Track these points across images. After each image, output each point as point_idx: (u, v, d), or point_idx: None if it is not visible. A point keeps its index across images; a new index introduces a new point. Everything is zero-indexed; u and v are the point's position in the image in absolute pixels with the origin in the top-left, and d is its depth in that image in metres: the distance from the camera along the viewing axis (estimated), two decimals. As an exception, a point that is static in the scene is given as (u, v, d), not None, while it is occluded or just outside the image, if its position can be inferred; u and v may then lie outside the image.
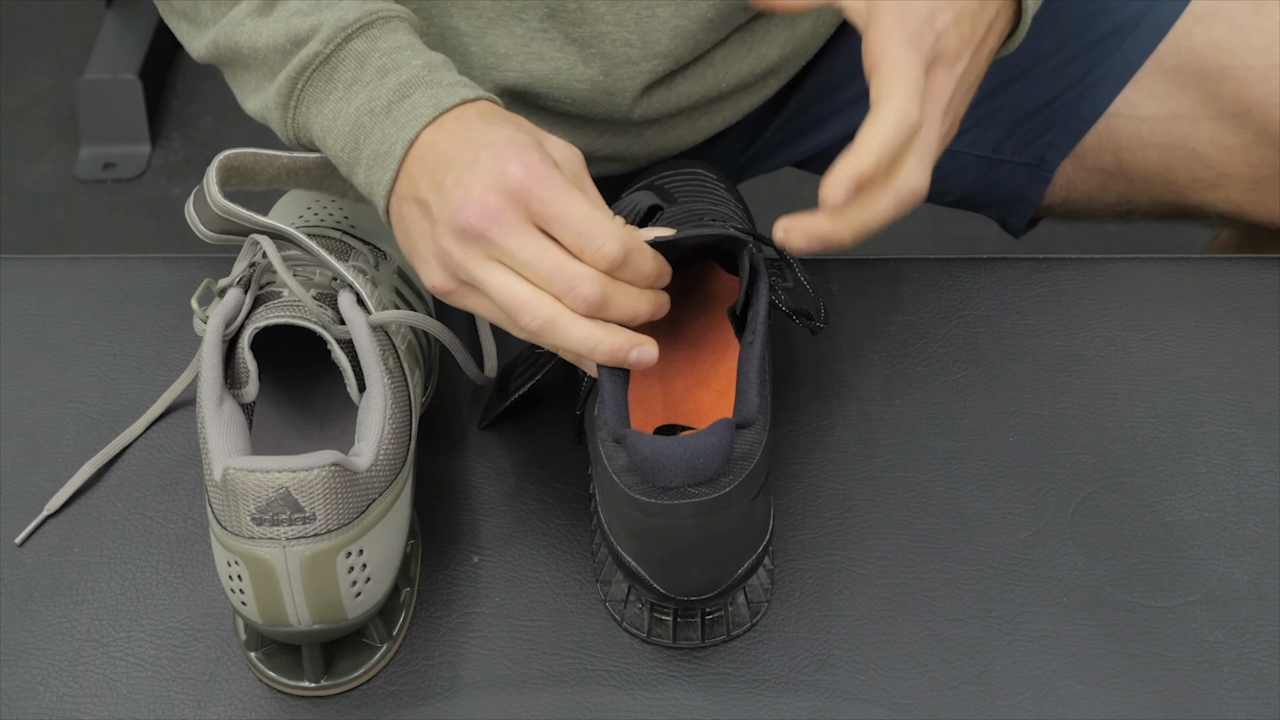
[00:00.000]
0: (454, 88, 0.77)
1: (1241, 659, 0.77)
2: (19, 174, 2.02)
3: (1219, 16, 0.98)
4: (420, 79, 0.77)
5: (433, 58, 0.79)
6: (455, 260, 0.73)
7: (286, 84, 0.80)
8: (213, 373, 0.75)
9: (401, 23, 0.81)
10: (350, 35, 0.79)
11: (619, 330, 0.73)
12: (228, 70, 0.85)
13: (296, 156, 0.83)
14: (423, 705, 0.76)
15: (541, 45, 0.91)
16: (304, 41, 0.79)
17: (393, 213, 0.77)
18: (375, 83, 0.78)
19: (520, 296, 0.72)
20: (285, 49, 0.80)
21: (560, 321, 0.72)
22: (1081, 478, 0.84)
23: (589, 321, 0.72)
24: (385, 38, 0.79)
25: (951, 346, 0.90)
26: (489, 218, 0.72)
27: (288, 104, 0.80)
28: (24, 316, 0.94)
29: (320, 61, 0.79)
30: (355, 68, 0.79)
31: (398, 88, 0.77)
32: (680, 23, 0.91)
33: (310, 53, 0.79)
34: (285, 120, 0.81)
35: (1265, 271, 0.94)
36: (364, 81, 0.78)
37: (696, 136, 0.99)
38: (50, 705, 0.77)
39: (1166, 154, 1.00)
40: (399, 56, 0.79)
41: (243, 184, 0.83)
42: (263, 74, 0.82)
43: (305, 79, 0.79)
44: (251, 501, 0.69)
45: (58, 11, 2.25)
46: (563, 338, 0.72)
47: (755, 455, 0.72)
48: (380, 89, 0.77)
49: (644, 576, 0.73)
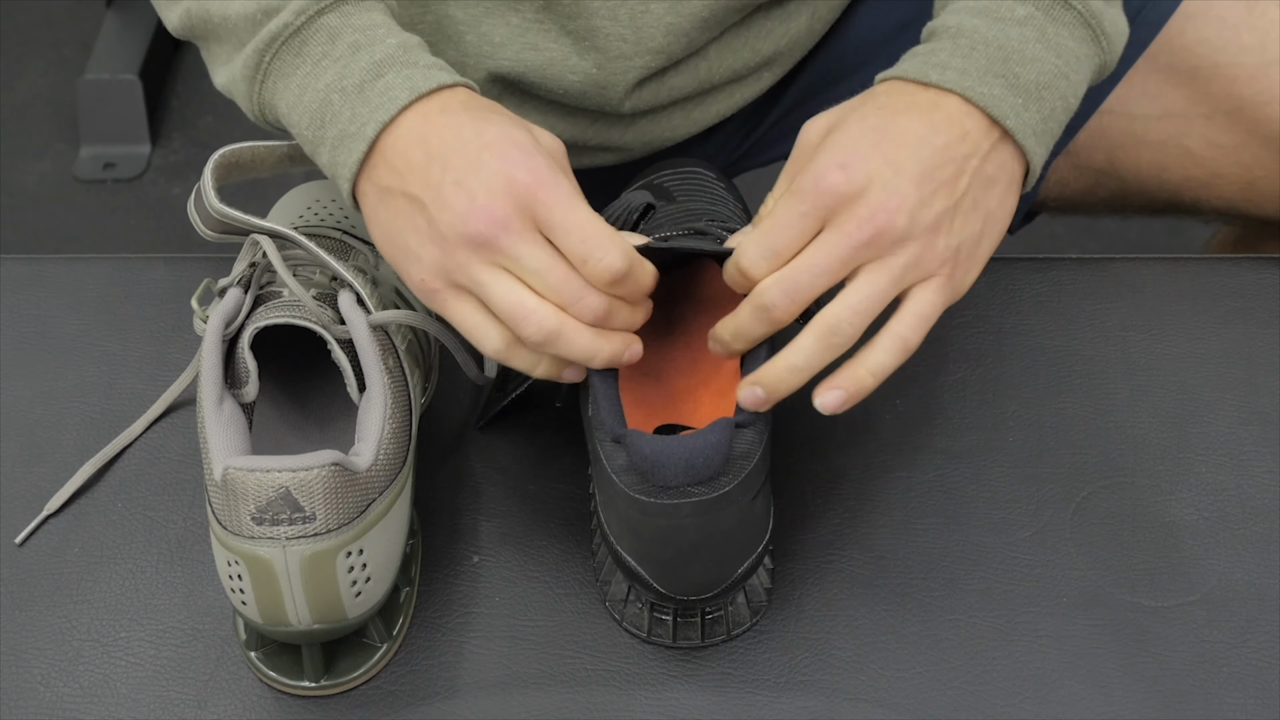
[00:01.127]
0: (430, 70, 0.75)
1: (1241, 659, 0.77)
2: (19, 174, 2.02)
3: (1211, 14, 0.98)
4: (395, 58, 0.75)
5: (407, 38, 0.77)
6: (456, 263, 0.72)
7: (254, 55, 0.78)
8: (213, 372, 0.75)
9: (378, 2, 0.79)
10: (323, 9, 0.77)
11: (615, 336, 0.73)
12: (200, 43, 0.84)
13: (294, 143, 0.82)
14: (422, 705, 0.76)
15: (536, 36, 0.91)
16: (274, 12, 0.77)
17: (364, 199, 0.76)
18: (347, 59, 0.76)
19: (526, 305, 0.71)
20: (255, 19, 0.78)
21: (565, 331, 0.71)
22: (1081, 478, 0.84)
23: (591, 330, 0.72)
24: (359, 15, 0.77)
25: (951, 346, 0.90)
26: (497, 225, 0.70)
27: (254, 77, 0.78)
28: (24, 316, 0.94)
29: (290, 34, 0.77)
30: (326, 42, 0.76)
31: (371, 66, 0.75)
32: (674, 20, 0.91)
33: (280, 24, 0.77)
34: (251, 94, 0.79)
35: (1265, 271, 0.94)
36: (334, 57, 0.76)
37: (691, 128, 0.99)
38: (50, 705, 0.77)
39: (1159, 152, 1.00)
40: (373, 34, 0.76)
41: (246, 176, 0.83)
42: (232, 45, 0.80)
43: (273, 51, 0.77)
44: (252, 501, 0.69)
45: (58, 11, 2.25)
46: (565, 347, 0.72)
47: (755, 455, 0.72)
48: (352, 66, 0.75)
49: (644, 576, 0.73)
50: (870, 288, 0.71)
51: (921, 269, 0.72)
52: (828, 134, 0.73)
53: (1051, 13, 0.76)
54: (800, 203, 0.71)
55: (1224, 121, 0.98)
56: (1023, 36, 0.75)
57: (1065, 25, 0.76)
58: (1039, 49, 0.75)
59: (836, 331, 0.71)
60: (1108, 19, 0.78)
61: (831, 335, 0.71)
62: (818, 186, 0.70)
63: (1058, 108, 0.75)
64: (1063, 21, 0.76)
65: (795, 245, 0.71)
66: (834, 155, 0.71)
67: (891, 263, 0.71)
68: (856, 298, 0.71)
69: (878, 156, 0.71)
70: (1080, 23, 0.76)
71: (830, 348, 0.71)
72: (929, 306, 0.72)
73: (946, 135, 0.72)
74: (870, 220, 0.70)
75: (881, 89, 0.75)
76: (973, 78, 0.73)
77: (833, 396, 0.73)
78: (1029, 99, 0.74)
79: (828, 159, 0.71)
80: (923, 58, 0.75)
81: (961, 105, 0.73)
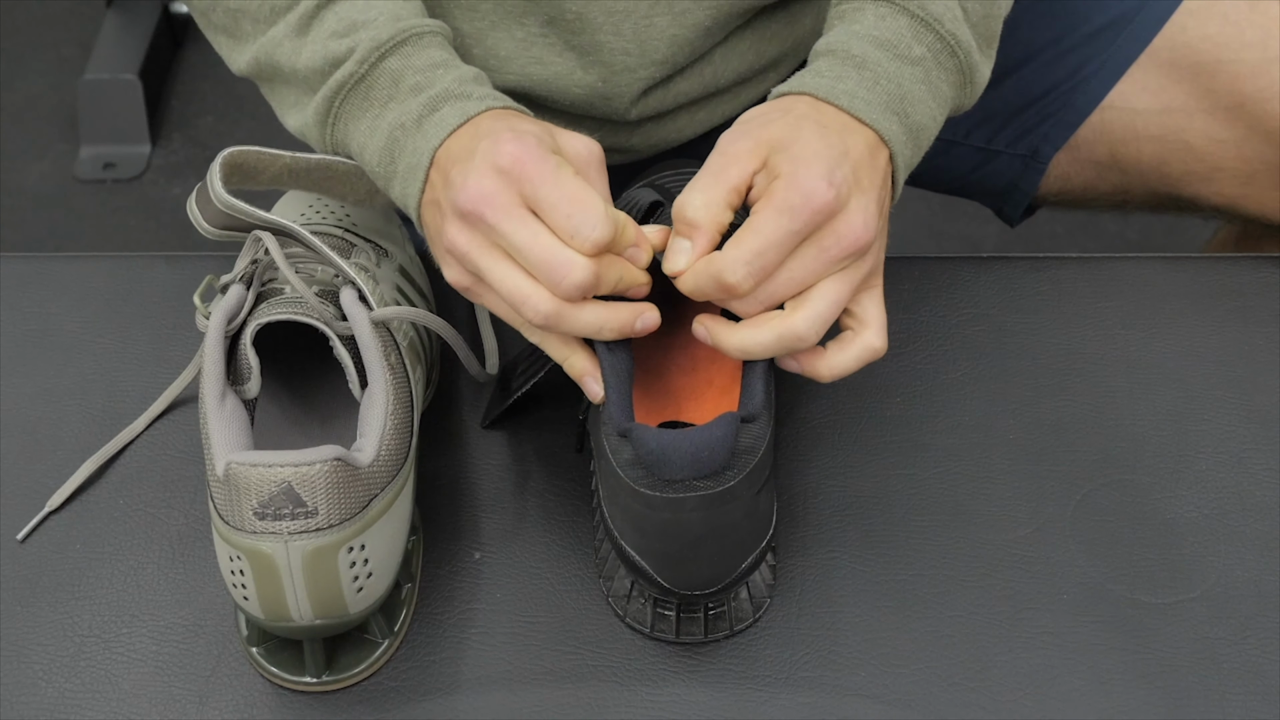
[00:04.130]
0: (483, 100, 0.78)
1: (1241, 656, 0.77)
2: (19, 174, 2.02)
3: (1214, 11, 0.98)
4: (450, 93, 0.78)
5: (464, 71, 0.80)
6: (460, 250, 0.73)
7: (324, 104, 0.81)
8: (215, 369, 0.75)
9: (435, 37, 0.81)
10: (384, 54, 0.79)
11: (621, 306, 0.73)
12: (266, 85, 0.86)
13: (299, 157, 0.83)
14: (424, 701, 0.76)
15: (541, 50, 0.91)
16: (340, 62, 0.80)
17: (424, 221, 0.78)
18: (408, 99, 0.78)
19: (522, 291, 0.72)
20: (323, 70, 0.80)
21: (564, 313, 0.72)
22: (1081, 475, 0.84)
23: (591, 304, 0.73)
24: (418, 54, 0.80)
25: (951, 345, 0.90)
26: (484, 200, 0.72)
27: (325, 121, 0.81)
28: (26, 314, 0.94)
29: (356, 81, 0.79)
30: (390, 85, 0.79)
31: (428, 102, 0.77)
32: (678, 31, 0.91)
33: (346, 73, 0.79)
34: (324, 137, 0.82)
35: (1265, 271, 0.94)
36: (398, 99, 0.78)
37: (696, 129, 0.99)
38: (52, 701, 0.77)
39: (1160, 147, 1.01)
40: (432, 74, 0.79)
41: (244, 183, 0.83)
42: (302, 90, 0.83)
43: (342, 97, 0.80)
44: (254, 496, 0.69)
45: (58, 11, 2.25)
46: (569, 326, 0.73)
47: (760, 449, 0.72)
48: (412, 104, 0.78)
49: (648, 571, 0.73)
50: (835, 296, 0.73)
51: (871, 275, 0.75)
52: (774, 146, 0.73)
53: (939, 59, 0.79)
54: (792, 220, 0.71)
55: (1225, 117, 0.98)
56: (914, 77, 0.78)
57: (947, 72, 0.79)
58: (923, 91, 0.78)
59: (802, 340, 0.73)
60: (979, 73, 0.81)
61: (797, 342, 0.73)
62: (810, 204, 0.71)
63: (923, 149, 0.79)
64: (946, 68, 0.79)
65: (781, 260, 0.72)
66: (816, 170, 0.72)
67: (854, 274, 0.73)
68: (824, 306, 0.73)
69: (849, 173, 0.73)
70: (958, 70, 0.80)
71: (788, 350, 0.74)
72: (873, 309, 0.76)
73: (875, 157, 0.75)
74: (849, 237, 0.72)
75: (802, 103, 0.76)
76: (877, 110, 0.76)
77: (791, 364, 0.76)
78: (910, 138, 0.77)
79: (812, 175, 0.71)
80: (830, 80, 0.77)
81: (872, 134, 0.76)
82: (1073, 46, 1.01)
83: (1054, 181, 1.06)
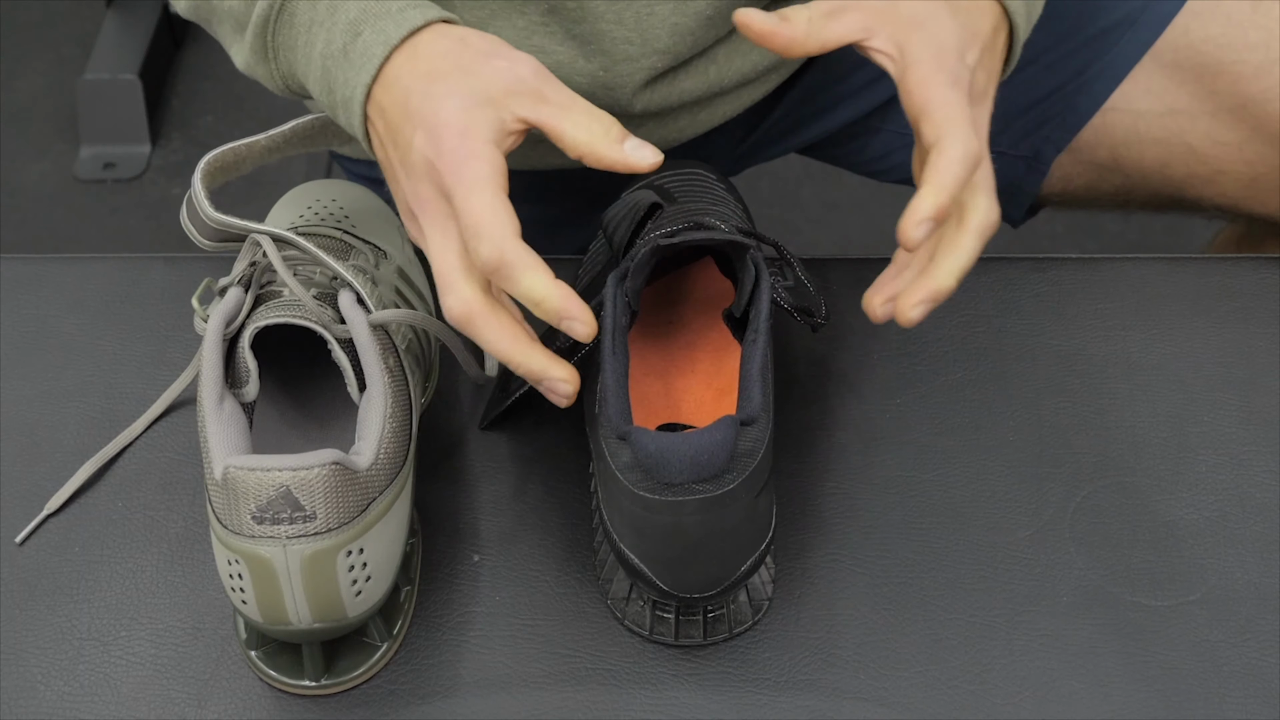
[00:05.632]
0: (402, 13, 0.75)
1: (1241, 658, 0.77)
2: (19, 174, 2.02)
3: (1217, 12, 0.98)
4: (367, 10, 0.75)
5: None
6: (412, 236, 0.76)
7: (257, 40, 0.80)
8: (213, 372, 0.75)
9: None
10: None
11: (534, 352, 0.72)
12: (207, 27, 0.86)
13: (272, 134, 0.83)
14: (423, 704, 0.76)
15: (543, 39, 0.91)
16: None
17: (377, 158, 0.77)
18: (328, 21, 0.76)
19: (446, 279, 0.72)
20: (247, 1, 0.80)
21: (474, 319, 0.72)
22: (1081, 477, 0.84)
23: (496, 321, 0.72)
24: None
25: (951, 346, 0.90)
26: (418, 203, 0.73)
27: (266, 57, 0.80)
28: (24, 316, 0.94)
29: (278, 10, 0.78)
30: (309, 7, 0.77)
31: (348, 25, 0.75)
32: (679, 20, 0.91)
33: (267, 3, 0.78)
34: (272, 74, 0.81)
35: (1265, 271, 0.94)
36: (319, 21, 0.77)
37: (697, 128, 0.99)
38: (50, 704, 0.77)
39: (1163, 149, 1.01)
40: None
41: (231, 176, 0.83)
42: (234, 27, 0.82)
43: (271, 29, 0.79)
44: (252, 500, 0.69)
45: (58, 11, 2.25)
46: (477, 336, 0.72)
47: (759, 452, 0.72)
48: (335, 28, 0.76)
49: (647, 574, 0.73)
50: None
51: None
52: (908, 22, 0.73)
53: None
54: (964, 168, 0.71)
55: (1228, 119, 0.98)
56: None
57: None
58: None
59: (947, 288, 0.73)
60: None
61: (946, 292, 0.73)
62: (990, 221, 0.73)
63: (1033, 21, 0.81)
64: None
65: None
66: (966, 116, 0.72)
67: None
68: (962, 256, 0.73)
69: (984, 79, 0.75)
70: None
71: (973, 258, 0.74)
72: None
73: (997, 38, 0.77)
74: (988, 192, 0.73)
75: None
76: None
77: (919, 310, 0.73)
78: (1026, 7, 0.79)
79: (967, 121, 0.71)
80: None
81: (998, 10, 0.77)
82: (1075, 48, 1.01)
83: (1056, 183, 1.06)
